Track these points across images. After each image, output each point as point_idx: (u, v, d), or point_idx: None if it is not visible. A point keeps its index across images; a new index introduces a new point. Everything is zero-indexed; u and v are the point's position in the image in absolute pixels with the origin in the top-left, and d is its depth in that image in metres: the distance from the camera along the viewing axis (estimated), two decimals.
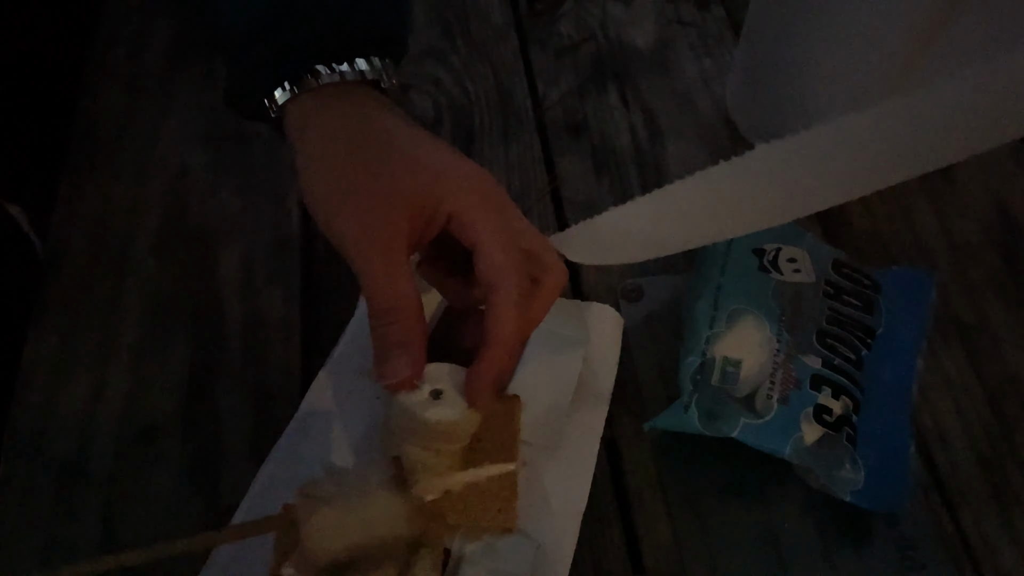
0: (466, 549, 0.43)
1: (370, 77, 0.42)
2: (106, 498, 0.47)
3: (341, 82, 0.41)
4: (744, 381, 0.46)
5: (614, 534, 0.46)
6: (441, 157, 0.40)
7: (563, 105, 0.65)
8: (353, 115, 0.40)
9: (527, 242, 0.40)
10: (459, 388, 0.39)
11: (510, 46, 0.68)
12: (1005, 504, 0.47)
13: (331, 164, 0.39)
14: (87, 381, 0.51)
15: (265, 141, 0.62)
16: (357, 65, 0.41)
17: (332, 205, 0.39)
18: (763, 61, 0.58)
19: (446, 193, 0.38)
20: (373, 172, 0.38)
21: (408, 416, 0.39)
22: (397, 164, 0.39)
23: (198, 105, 0.64)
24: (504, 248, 0.38)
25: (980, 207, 0.59)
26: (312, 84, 0.40)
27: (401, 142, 0.39)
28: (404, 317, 0.38)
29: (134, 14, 0.69)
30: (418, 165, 0.39)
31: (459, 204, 0.38)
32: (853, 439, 0.45)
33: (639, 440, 0.49)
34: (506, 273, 0.38)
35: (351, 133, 0.40)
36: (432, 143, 0.40)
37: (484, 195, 0.39)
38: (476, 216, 0.38)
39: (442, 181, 0.39)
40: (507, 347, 0.38)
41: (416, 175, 0.38)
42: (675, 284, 0.54)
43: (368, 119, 0.40)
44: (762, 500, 0.47)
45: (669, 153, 0.62)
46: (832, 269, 0.52)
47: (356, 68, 0.41)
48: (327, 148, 0.39)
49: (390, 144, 0.39)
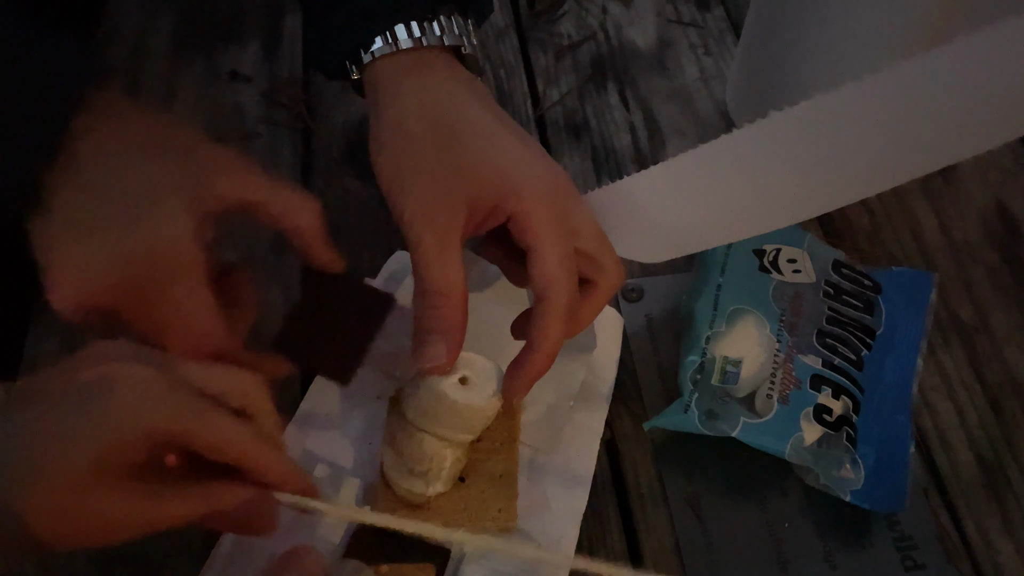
0: (466, 549, 0.43)
1: (448, 43, 0.42)
2: None
3: (421, 47, 0.41)
4: (744, 381, 0.46)
5: (614, 534, 0.46)
6: (512, 151, 0.39)
7: (563, 105, 0.65)
8: (432, 90, 0.40)
9: (586, 243, 0.40)
10: (484, 377, 0.41)
11: (510, 46, 0.68)
12: (1005, 504, 0.47)
13: (402, 138, 0.40)
14: None
15: (265, 141, 0.62)
16: (436, 29, 0.41)
17: (397, 179, 0.39)
18: (763, 61, 0.58)
19: (509, 193, 0.38)
20: (442, 155, 0.39)
21: (437, 398, 0.40)
22: (468, 152, 0.39)
23: (198, 105, 0.64)
24: (558, 258, 0.38)
25: (980, 207, 0.59)
26: (391, 48, 0.41)
27: (476, 128, 0.40)
28: (449, 304, 0.38)
29: (135, 13, 0.69)
30: (487, 158, 0.39)
31: (520, 206, 0.38)
32: (853, 439, 0.45)
33: (639, 440, 0.49)
34: (556, 284, 0.38)
35: (427, 110, 0.40)
36: (506, 133, 0.40)
37: (547, 198, 0.39)
38: (534, 222, 0.38)
39: (508, 179, 0.39)
40: (549, 353, 0.39)
41: (483, 168, 0.39)
42: (675, 284, 0.54)
43: (447, 97, 0.40)
44: (762, 500, 0.47)
45: (669, 153, 0.62)
46: (832, 269, 0.52)
47: (435, 33, 0.41)
48: (402, 121, 0.40)
49: (464, 129, 0.39)
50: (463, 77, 0.42)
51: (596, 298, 0.41)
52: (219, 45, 0.67)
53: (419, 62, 0.41)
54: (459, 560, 0.42)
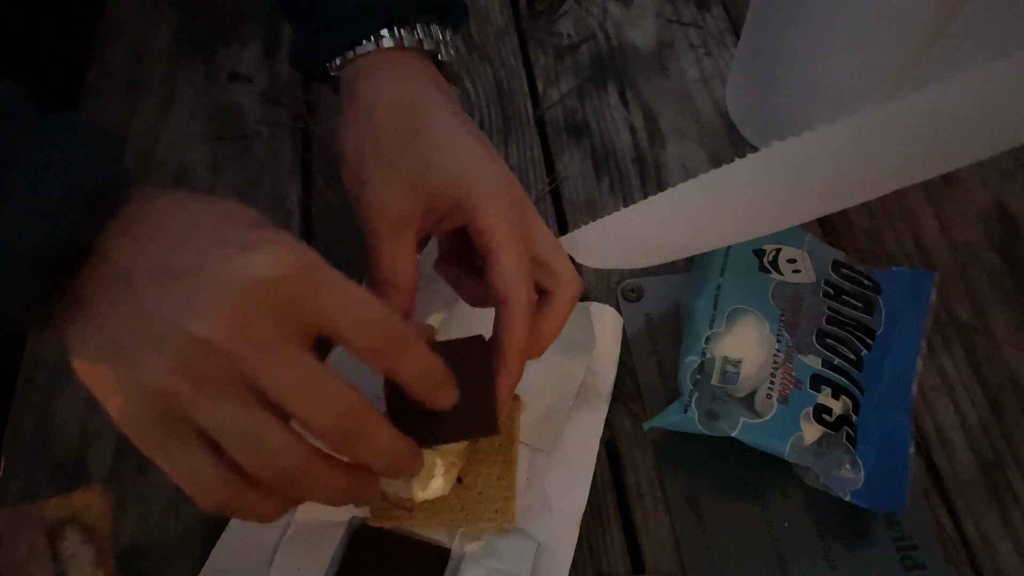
0: (466, 549, 0.43)
1: (427, 47, 0.43)
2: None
3: (398, 48, 0.42)
4: (744, 381, 0.46)
5: (614, 534, 0.46)
6: (472, 155, 0.39)
7: (563, 105, 0.65)
8: (405, 84, 0.41)
9: (542, 252, 0.40)
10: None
11: (510, 46, 0.68)
12: (1005, 504, 0.47)
13: (368, 126, 0.40)
14: None
15: (265, 141, 0.62)
16: (417, 34, 0.42)
17: (359, 167, 0.39)
18: (763, 61, 0.58)
19: (467, 194, 0.38)
20: (405, 146, 0.39)
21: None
22: (431, 146, 0.39)
23: (198, 105, 0.64)
24: (516, 261, 0.38)
25: (980, 207, 0.59)
26: (370, 48, 0.41)
27: (442, 126, 0.39)
28: (397, 295, 0.39)
29: (134, 14, 0.69)
30: (451, 155, 0.39)
31: (477, 208, 0.38)
32: (853, 439, 0.45)
33: (639, 440, 0.49)
34: (516, 286, 0.38)
35: (397, 102, 0.40)
36: (468, 137, 0.40)
37: (504, 202, 0.38)
38: (493, 224, 0.38)
39: (469, 179, 0.38)
40: (518, 357, 0.38)
41: (445, 164, 0.38)
42: (675, 284, 0.54)
43: (418, 94, 0.41)
44: (762, 500, 0.47)
45: (669, 153, 0.62)
46: (832, 269, 0.52)
47: (415, 35, 0.42)
48: (371, 110, 0.40)
49: (430, 125, 0.39)
50: (436, 80, 0.42)
51: (554, 309, 0.40)
52: (219, 45, 0.68)
53: (396, 60, 0.42)
54: (459, 560, 0.42)
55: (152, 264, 0.31)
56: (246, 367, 0.30)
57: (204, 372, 0.30)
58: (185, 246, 0.31)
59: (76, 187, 0.30)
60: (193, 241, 0.31)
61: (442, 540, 0.43)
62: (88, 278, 0.31)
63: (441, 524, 0.43)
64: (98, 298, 0.31)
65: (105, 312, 0.31)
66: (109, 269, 0.31)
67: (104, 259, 0.31)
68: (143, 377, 0.30)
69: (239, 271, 0.30)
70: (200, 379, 0.30)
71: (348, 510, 0.44)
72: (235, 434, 0.30)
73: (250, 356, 0.30)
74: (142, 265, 0.31)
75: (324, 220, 0.58)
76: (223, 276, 0.30)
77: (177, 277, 0.30)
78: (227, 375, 0.30)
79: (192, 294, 0.30)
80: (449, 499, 0.43)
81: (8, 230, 0.29)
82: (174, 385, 0.30)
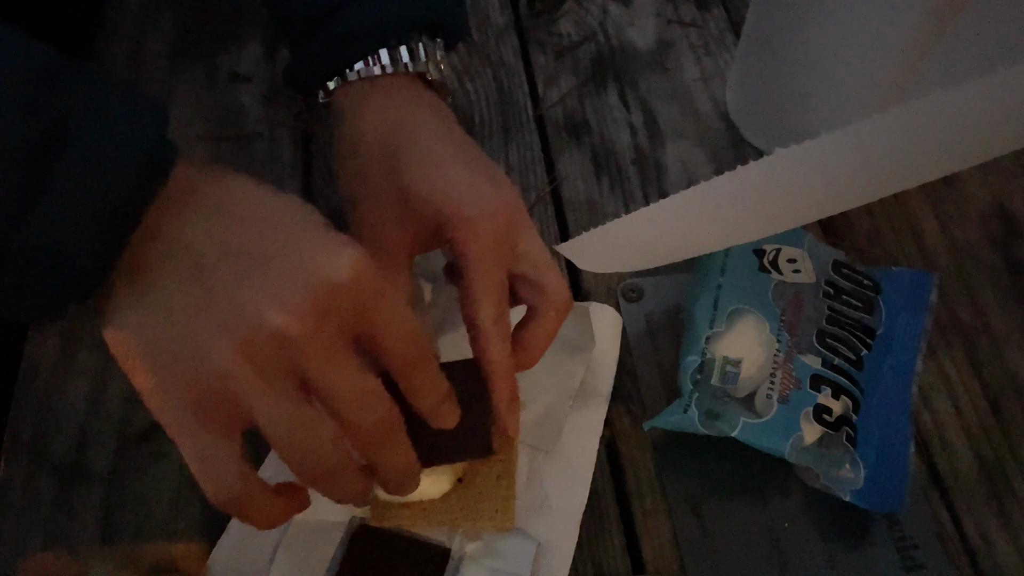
0: (466, 549, 0.43)
1: (413, 70, 0.43)
2: (106, 498, 0.47)
3: (384, 75, 0.43)
4: (744, 381, 0.46)
5: (614, 534, 0.46)
6: (454, 175, 0.40)
7: (563, 105, 0.65)
8: (389, 114, 0.42)
9: (526, 269, 0.40)
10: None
11: (510, 46, 0.68)
12: (1005, 504, 0.47)
13: (356, 160, 0.41)
14: (87, 381, 0.51)
15: (265, 141, 0.62)
16: (404, 55, 0.43)
17: (350, 195, 0.42)
18: (763, 61, 0.58)
19: (447, 216, 0.39)
20: (389, 179, 0.40)
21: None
22: (409, 179, 0.40)
23: (198, 105, 0.64)
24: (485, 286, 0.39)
25: (980, 207, 0.59)
26: (357, 76, 0.43)
27: (423, 154, 0.40)
28: None
29: (135, 13, 0.69)
30: (427, 187, 0.39)
31: (456, 231, 0.39)
32: (853, 439, 0.45)
33: (639, 440, 0.49)
34: (482, 311, 0.39)
35: (380, 134, 0.41)
36: (452, 158, 0.41)
37: (480, 228, 0.39)
38: (465, 250, 0.39)
39: (447, 204, 0.39)
40: (502, 373, 0.39)
41: (422, 196, 0.39)
42: (675, 284, 0.54)
43: (403, 122, 0.42)
44: (762, 500, 0.47)
45: (669, 153, 0.62)
46: (832, 269, 0.52)
47: (403, 60, 0.43)
48: (357, 144, 0.42)
49: (412, 154, 0.40)
50: (425, 101, 0.43)
51: (539, 323, 0.41)
52: (219, 45, 0.67)
53: (382, 86, 0.43)
54: (459, 560, 0.42)
55: (226, 246, 0.31)
56: (306, 362, 0.31)
57: (268, 360, 0.31)
58: (262, 233, 0.32)
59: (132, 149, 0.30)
60: (272, 230, 0.32)
61: (442, 540, 0.43)
62: (143, 249, 0.31)
63: (441, 524, 0.43)
64: (157, 272, 0.31)
65: (166, 287, 0.31)
66: (172, 244, 0.31)
67: (160, 231, 0.31)
68: (207, 356, 0.30)
69: (320, 269, 0.31)
70: (263, 366, 0.31)
71: (348, 510, 0.44)
72: (286, 425, 0.31)
73: (314, 353, 0.31)
74: (214, 245, 0.31)
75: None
76: (305, 271, 0.31)
77: (256, 263, 0.31)
78: (287, 367, 0.31)
79: (272, 283, 0.31)
80: (449, 499, 0.43)
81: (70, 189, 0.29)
82: (238, 368, 0.30)
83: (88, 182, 0.29)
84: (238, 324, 0.30)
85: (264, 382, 0.31)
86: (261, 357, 0.30)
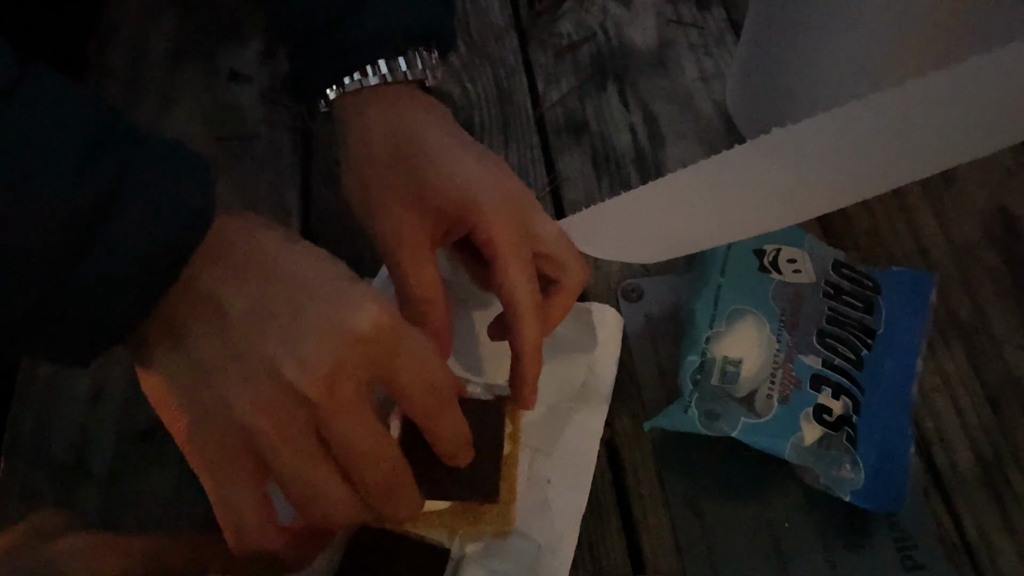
0: (466, 549, 0.43)
1: (412, 78, 0.45)
2: (106, 498, 0.47)
3: (384, 84, 0.44)
4: (744, 381, 0.46)
5: (614, 534, 0.46)
6: (470, 168, 0.42)
7: (563, 105, 0.65)
8: (394, 118, 0.44)
9: (547, 246, 0.43)
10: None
11: (510, 46, 0.68)
12: (1005, 504, 0.47)
13: (369, 165, 0.43)
14: (87, 381, 0.51)
15: (265, 141, 0.62)
16: (402, 65, 0.45)
17: (366, 204, 0.43)
18: (763, 61, 0.58)
19: (468, 205, 0.41)
20: (405, 177, 0.42)
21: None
22: (428, 172, 0.42)
23: (198, 105, 0.64)
24: (517, 266, 0.41)
25: (980, 207, 0.59)
26: (358, 85, 0.44)
27: (435, 150, 0.42)
28: (434, 308, 0.42)
29: (134, 13, 0.69)
30: (446, 175, 0.41)
31: (479, 218, 0.41)
32: (853, 439, 0.45)
33: (639, 440, 0.49)
34: (519, 290, 0.41)
35: (390, 137, 0.43)
36: (464, 153, 0.43)
37: (504, 209, 0.41)
38: (494, 233, 0.41)
39: (466, 193, 0.41)
40: (533, 353, 0.42)
41: (443, 185, 0.41)
42: (675, 284, 0.54)
43: (408, 124, 0.43)
44: (762, 500, 0.47)
45: (669, 153, 0.62)
46: (832, 269, 0.52)
47: (401, 69, 0.45)
48: (368, 149, 0.43)
49: (424, 151, 0.42)
50: (425, 105, 0.45)
51: (563, 296, 0.43)
52: (219, 45, 0.68)
53: (383, 95, 0.45)
54: (459, 560, 0.42)
55: (253, 303, 0.32)
56: (324, 418, 0.32)
57: (287, 416, 0.31)
58: (289, 290, 0.33)
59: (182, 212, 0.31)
60: (298, 286, 0.33)
61: (442, 540, 0.43)
62: (177, 301, 0.32)
63: (441, 525, 0.43)
64: (189, 325, 0.32)
65: (196, 340, 0.32)
66: (203, 298, 0.32)
67: (191, 285, 0.32)
68: (231, 411, 0.31)
69: (341, 324, 0.32)
70: (282, 423, 0.31)
71: None
72: (300, 485, 0.32)
73: (331, 409, 0.32)
74: (241, 301, 0.32)
75: (324, 220, 0.58)
76: (326, 328, 0.32)
77: (279, 319, 0.32)
78: (305, 423, 0.32)
79: (294, 340, 0.31)
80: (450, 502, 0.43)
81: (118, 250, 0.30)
82: (259, 423, 0.31)
83: (135, 243, 0.30)
84: (260, 381, 0.31)
85: (282, 441, 0.31)
86: (281, 414, 0.31)
